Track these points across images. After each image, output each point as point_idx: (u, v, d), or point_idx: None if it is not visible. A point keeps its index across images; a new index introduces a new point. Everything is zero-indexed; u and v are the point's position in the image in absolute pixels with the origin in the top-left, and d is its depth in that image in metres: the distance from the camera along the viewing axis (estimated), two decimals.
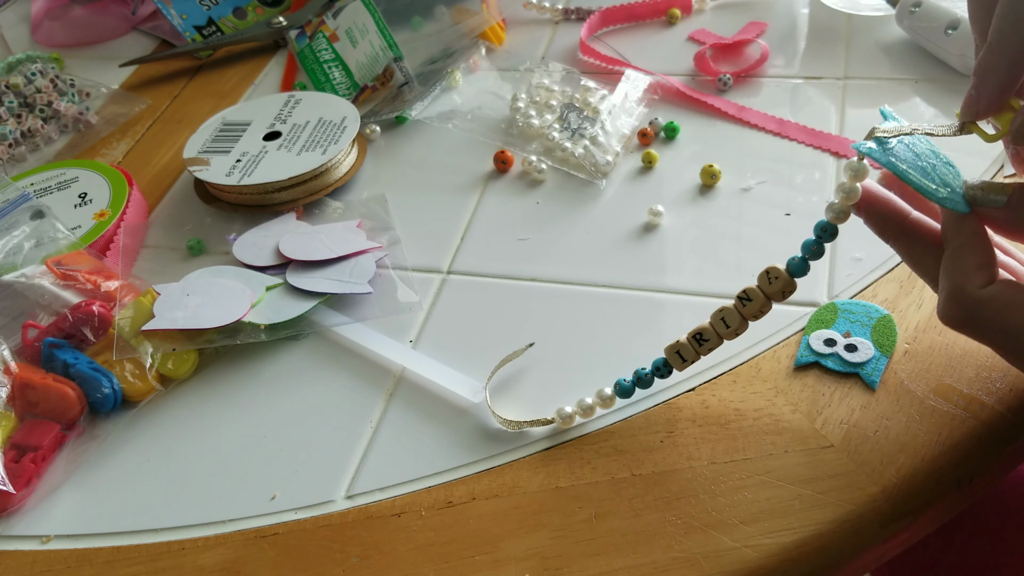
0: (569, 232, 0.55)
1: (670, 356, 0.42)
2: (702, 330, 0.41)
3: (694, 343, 0.42)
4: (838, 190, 0.38)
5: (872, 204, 0.39)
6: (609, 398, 0.44)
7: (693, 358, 0.42)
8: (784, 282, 0.39)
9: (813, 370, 0.44)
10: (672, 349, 0.42)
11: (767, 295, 0.40)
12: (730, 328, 0.41)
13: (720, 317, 0.41)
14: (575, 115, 0.62)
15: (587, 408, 0.44)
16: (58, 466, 0.47)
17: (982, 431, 0.40)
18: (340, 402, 0.48)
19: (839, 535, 0.38)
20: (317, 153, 0.60)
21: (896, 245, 0.40)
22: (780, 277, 0.39)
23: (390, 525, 0.42)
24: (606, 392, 0.44)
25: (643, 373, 0.43)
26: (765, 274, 0.40)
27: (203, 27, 0.79)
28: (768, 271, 0.39)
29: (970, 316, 0.35)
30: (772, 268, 0.39)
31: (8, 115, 0.72)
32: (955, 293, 0.36)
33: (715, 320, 0.41)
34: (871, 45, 0.65)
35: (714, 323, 0.41)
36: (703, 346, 0.42)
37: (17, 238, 0.56)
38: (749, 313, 0.40)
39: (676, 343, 0.42)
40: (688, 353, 0.42)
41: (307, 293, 0.52)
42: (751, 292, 0.40)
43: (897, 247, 0.40)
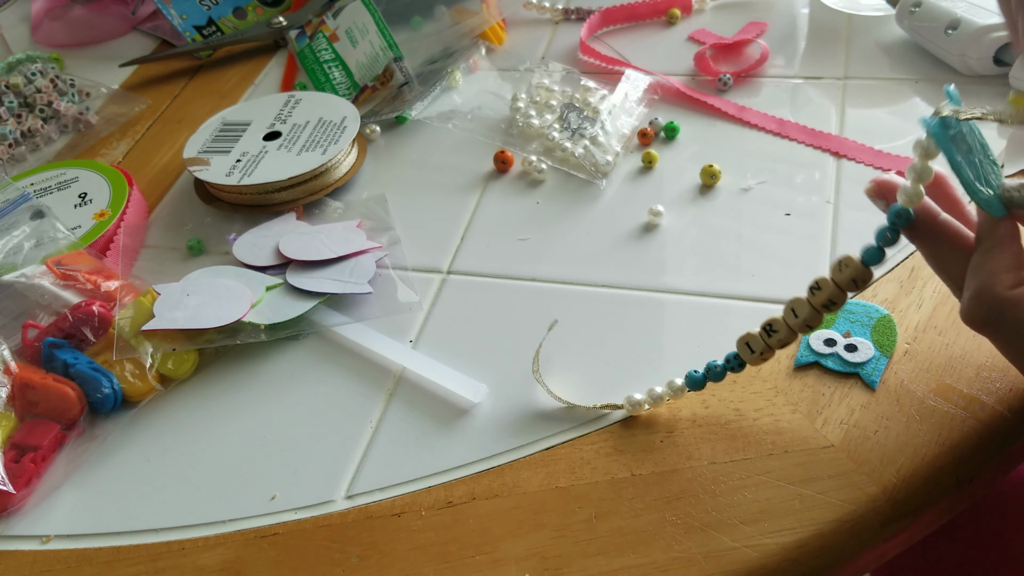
0: (569, 232, 0.55)
1: (740, 348, 0.41)
2: (772, 321, 0.40)
3: (764, 334, 0.40)
4: (909, 171, 0.37)
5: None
6: (680, 389, 0.43)
7: (763, 350, 0.40)
8: (855, 270, 0.37)
9: (813, 370, 0.44)
10: (742, 340, 0.41)
11: (837, 284, 0.38)
12: (799, 318, 0.39)
13: (790, 308, 0.39)
14: (575, 115, 0.62)
15: (657, 398, 0.43)
16: (58, 466, 0.47)
17: (982, 431, 0.40)
18: (340, 402, 0.48)
19: (839, 535, 0.38)
20: (317, 153, 0.60)
21: (922, 245, 0.39)
22: (851, 265, 0.37)
23: (390, 525, 0.42)
24: (677, 383, 0.43)
25: (714, 365, 0.42)
26: (837, 263, 0.38)
27: (203, 27, 0.79)
28: (840, 260, 0.38)
29: (995, 316, 0.35)
30: (845, 257, 0.38)
31: (8, 115, 0.72)
32: (982, 292, 0.35)
33: (785, 311, 0.39)
34: (871, 45, 0.65)
35: (784, 314, 0.40)
36: (772, 337, 0.40)
37: (17, 238, 0.56)
38: (818, 302, 0.38)
39: (747, 334, 0.41)
40: (757, 344, 0.40)
41: (307, 293, 0.52)
42: (821, 282, 0.38)
43: (922, 247, 0.39)
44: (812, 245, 0.51)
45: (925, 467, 0.39)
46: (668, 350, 0.47)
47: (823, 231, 0.52)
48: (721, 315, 0.48)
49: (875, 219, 0.52)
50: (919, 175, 0.36)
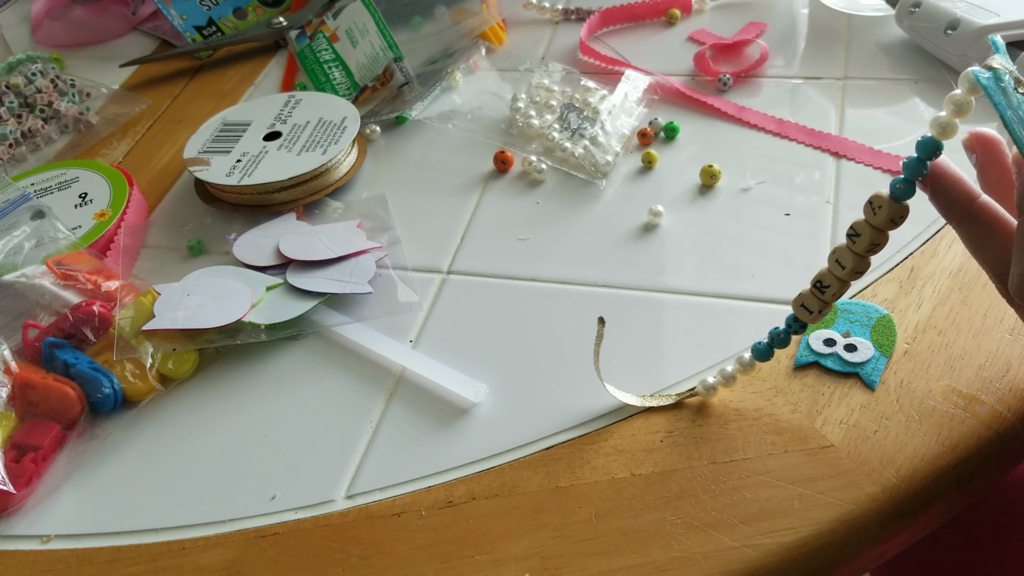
0: (569, 232, 0.55)
1: (796, 309, 0.40)
2: (820, 276, 0.39)
3: (816, 292, 0.39)
4: (947, 102, 0.35)
5: (941, 181, 0.37)
6: (749, 363, 0.42)
7: (820, 307, 0.39)
8: (890, 209, 0.36)
9: (813, 370, 0.44)
10: (797, 302, 0.40)
11: (874, 227, 0.37)
12: (846, 268, 0.38)
13: (835, 259, 0.38)
14: (575, 115, 0.62)
15: (729, 377, 0.43)
16: (58, 466, 0.47)
17: (982, 431, 0.40)
18: (340, 402, 0.48)
19: (839, 535, 0.38)
20: (317, 153, 0.60)
21: (959, 227, 0.38)
22: (884, 205, 0.36)
23: (390, 525, 0.42)
24: (746, 358, 0.42)
25: (776, 332, 0.41)
26: (868, 205, 0.37)
27: (203, 27, 0.79)
28: (871, 201, 0.36)
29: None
30: (875, 196, 0.36)
31: (8, 115, 0.72)
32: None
33: (831, 264, 0.38)
34: (871, 45, 0.65)
35: (831, 267, 0.38)
36: (825, 293, 0.39)
37: (18, 238, 0.56)
38: (861, 248, 0.37)
39: (800, 295, 0.40)
40: (812, 303, 0.39)
41: (307, 293, 0.52)
42: (858, 227, 0.37)
43: (960, 229, 0.38)
44: (812, 245, 0.51)
45: (925, 467, 0.39)
46: (668, 350, 0.47)
47: (823, 231, 0.52)
48: (721, 315, 0.49)
49: None
50: (958, 107, 0.35)
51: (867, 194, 0.53)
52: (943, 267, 0.48)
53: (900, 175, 0.36)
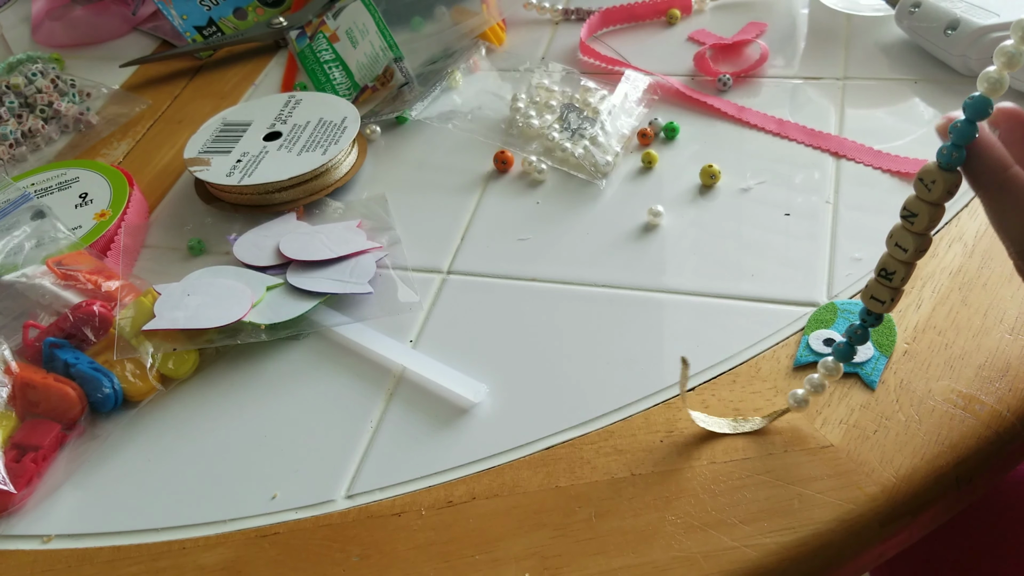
0: (569, 232, 0.56)
1: (867, 302, 0.38)
2: (884, 264, 0.37)
3: (883, 281, 0.37)
4: (997, 54, 0.33)
5: (978, 146, 0.35)
6: (834, 368, 0.40)
7: (890, 296, 0.38)
8: (945, 181, 0.35)
9: (812, 370, 0.44)
10: (866, 294, 0.38)
11: (931, 203, 0.35)
12: (909, 251, 0.36)
13: (894, 244, 0.37)
14: (575, 115, 0.62)
15: (818, 385, 0.41)
16: (59, 466, 0.47)
17: (981, 431, 0.40)
18: (340, 402, 0.48)
19: (839, 535, 0.38)
20: (317, 153, 0.60)
21: (987, 197, 0.36)
22: (938, 179, 0.35)
23: (390, 525, 0.42)
24: (830, 362, 0.40)
25: (853, 329, 0.39)
26: (920, 181, 0.35)
27: (203, 27, 0.79)
28: (922, 177, 0.35)
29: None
30: (925, 171, 0.35)
31: (9, 115, 0.72)
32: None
33: (892, 249, 0.37)
34: (871, 45, 0.65)
35: (892, 253, 0.37)
36: (893, 279, 0.37)
37: (18, 238, 0.56)
38: (921, 228, 0.36)
39: (867, 287, 0.38)
40: (882, 293, 0.38)
41: (307, 293, 0.52)
42: (913, 206, 0.35)
43: (987, 199, 0.36)
44: (812, 245, 0.51)
45: (924, 466, 0.39)
46: (668, 350, 0.47)
47: (823, 231, 0.52)
48: (721, 315, 0.49)
49: (875, 219, 0.52)
50: (1008, 59, 0.33)
51: (867, 194, 0.54)
52: (943, 267, 0.48)
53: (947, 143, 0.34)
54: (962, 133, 0.34)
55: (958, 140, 0.34)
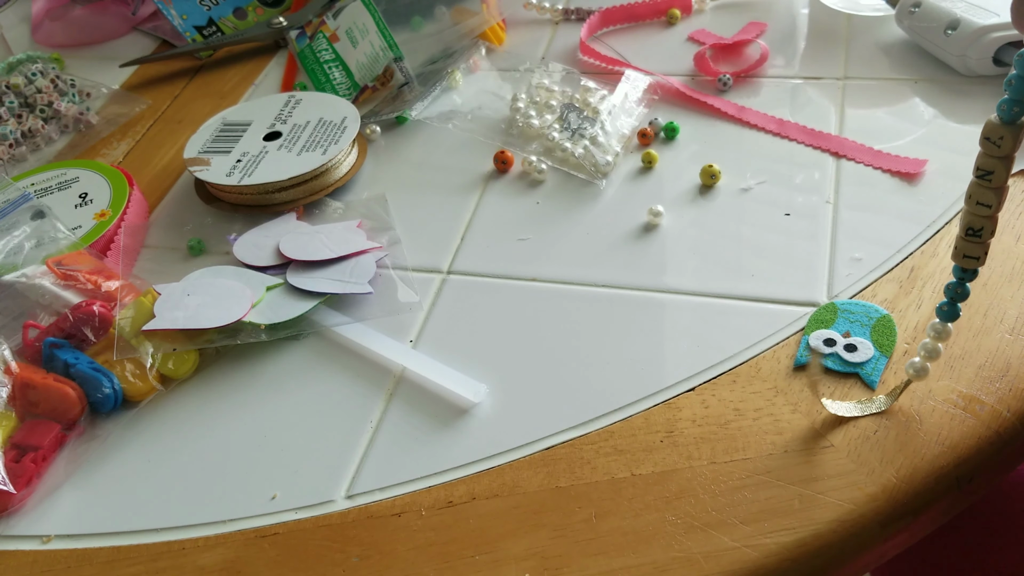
0: (569, 232, 0.55)
1: (960, 260, 0.38)
2: (968, 223, 0.37)
3: (972, 238, 0.38)
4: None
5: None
6: (942, 329, 0.40)
7: (981, 251, 0.38)
8: (1012, 136, 0.35)
9: (812, 369, 0.44)
10: (958, 255, 0.38)
11: (1003, 157, 0.36)
12: (993, 206, 0.37)
13: (976, 202, 0.37)
14: (575, 115, 0.62)
15: (932, 350, 0.40)
16: (58, 466, 0.47)
17: (982, 431, 0.40)
18: (340, 402, 0.48)
19: (839, 535, 0.38)
20: (317, 153, 0.60)
21: None
22: (1005, 136, 0.35)
23: (390, 525, 0.42)
24: (937, 323, 0.40)
25: (953, 288, 0.39)
26: (987, 140, 0.36)
27: (203, 27, 0.79)
28: (988, 135, 0.35)
29: None
30: (991, 130, 0.35)
31: (9, 115, 0.72)
32: None
33: (973, 207, 0.37)
34: (871, 45, 0.65)
35: (974, 210, 0.37)
36: (982, 235, 0.37)
37: (18, 238, 0.56)
38: (1000, 182, 0.36)
39: (954, 249, 0.38)
40: (972, 249, 0.38)
41: (307, 293, 0.52)
42: (986, 164, 0.36)
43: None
44: (812, 245, 0.51)
45: (925, 467, 0.39)
46: (668, 350, 0.47)
47: (823, 231, 0.52)
48: (721, 315, 0.49)
49: (875, 219, 0.52)
50: None
51: (867, 194, 0.54)
52: (943, 267, 0.48)
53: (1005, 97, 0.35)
54: (1018, 88, 0.35)
55: (1015, 95, 0.35)
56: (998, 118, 0.35)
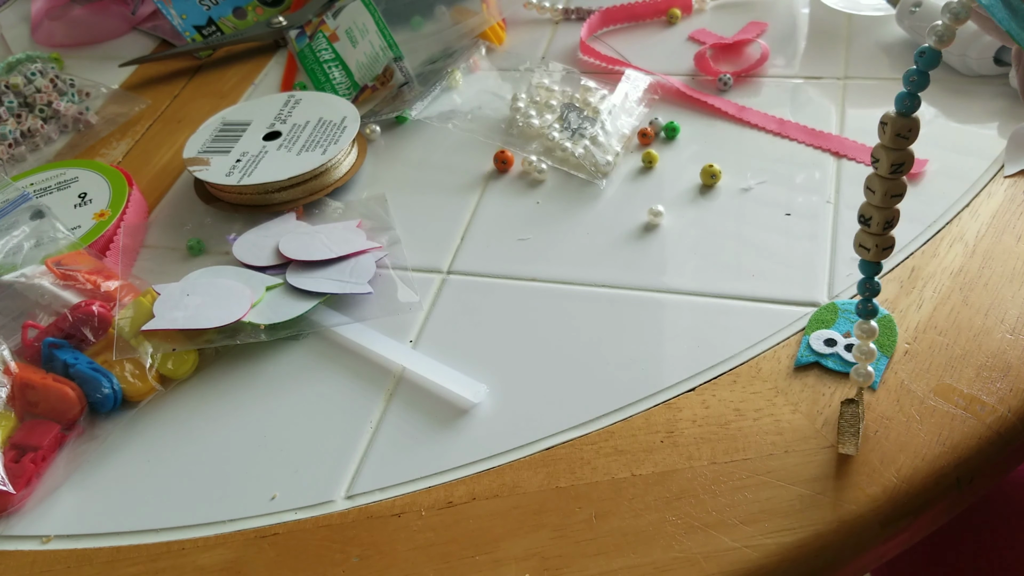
0: (569, 232, 0.55)
1: (857, 250, 0.39)
2: (861, 211, 0.38)
3: (864, 228, 0.38)
4: (944, 10, 0.35)
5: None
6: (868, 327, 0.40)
7: (874, 242, 0.38)
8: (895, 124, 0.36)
9: (813, 370, 0.44)
10: (856, 243, 0.39)
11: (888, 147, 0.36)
12: (877, 193, 0.37)
13: (867, 188, 0.38)
14: (575, 115, 0.62)
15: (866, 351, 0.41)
16: (58, 466, 0.47)
17: (982, 431, 0.40)
18: (340, 402, 0.48)
19: (839, 535, 0.38)
20: (317, 153, 0.60)
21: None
22: (890, 122, 0.36)
23: (390, 525, 0.42)
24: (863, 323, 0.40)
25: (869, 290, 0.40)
26: (881, 126, 0.36)
27: (203, 27, 0.79)
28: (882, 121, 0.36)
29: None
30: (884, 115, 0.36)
31: (8, 115, 0.72)
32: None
33: (866, 194, 0.38)
34: (871, 45, 0.65)
35: (868, 197, 0.38)
36: (871, 224, 0.38)
37: (17, 238, 0.56)
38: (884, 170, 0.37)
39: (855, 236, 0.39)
40: (866, 240, 0.38)
41: (307, 293, 0.52)
42: (875, 152, 0.37)
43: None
44: (812, 245, 0.51)
45: (925, 467, 0.39)
46: (668, 350, 0.47)
47: (823, 231, 0.52)
48: (721, 315, 0.48)
49: None
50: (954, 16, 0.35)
51: None
52: (943, 267, 0.48)
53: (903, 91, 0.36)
54: (918, 84, 0.36)
55: (913, 89, 0.36)
56: (898, 112, 0.36)
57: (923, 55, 0.35)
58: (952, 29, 0.35)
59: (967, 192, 0.52)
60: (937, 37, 0.35)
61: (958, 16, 0.35)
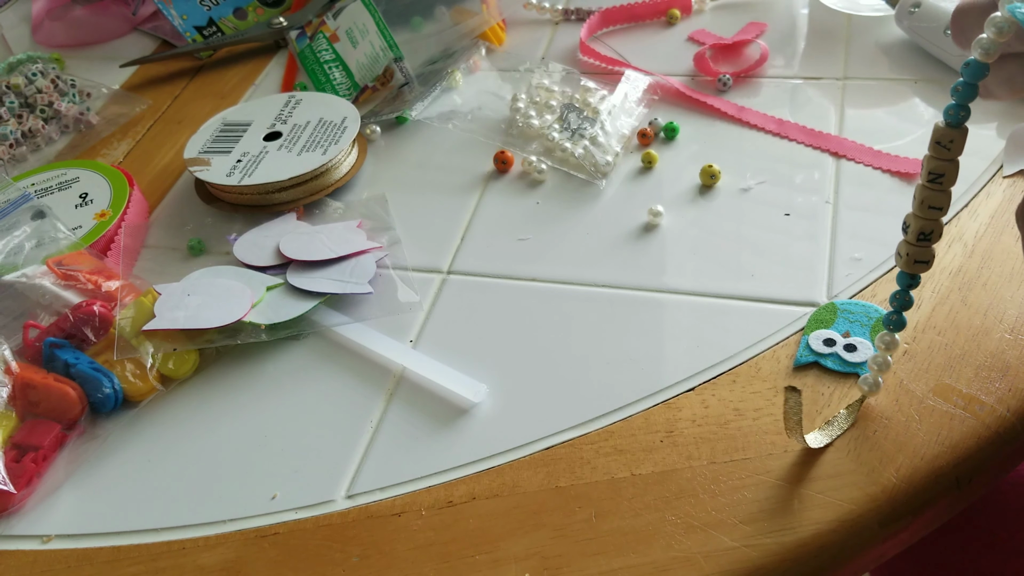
0: (569, 232, 0.55)
1: (913, 268, 0.39)
2: (921, 229, 0.38)
3: (924, 243, 0.38)
4: (988, 24, 0.35)
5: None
6: (891, 340, 0.41)
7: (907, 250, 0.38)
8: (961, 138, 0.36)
9: (813, 370, 0.44)
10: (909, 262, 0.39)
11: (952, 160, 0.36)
12: (943, 209, 0.37)
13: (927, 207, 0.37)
14: (575, 115, 0.62)
15: (883, 363, 0.41)
16: (59, 466, 0.47)
17: (981, 431, 0.40)
18: (340, 402, 0.48)
19: (839, 535, 0.38)
20: (317, 153, 0.60)
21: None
22: (956, 139, 0.36)
23: (390, 525, 0.42)
24: (887, 335, 0.41)
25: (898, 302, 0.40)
26: (938, 145, 0.36)
27: (203, 27, 0.79)
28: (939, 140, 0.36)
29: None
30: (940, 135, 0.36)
31: (9, 115, 0.72)
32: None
33: (923, 213, 0.38)
34: (871, 45, 0.65)
35: (923, 215, 0.38)
36: (931, 238, 0.38)
37: (18, 238, 0.56)
38: (950, 185, 0.37)
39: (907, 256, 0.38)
40: (926, 254, 0.38)
41: (307, 293, 0.52)
42: (937, 168, 0.37)
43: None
44: (812, 245, 0.51)
45: (924, 467, 0.39)
46: (668, 350, 0.47)
47: (823, 231, 0.52)
48: (721, 315, 0.49)
49: (875, 219, 0.52)
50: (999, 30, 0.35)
51: (867, 194, 0.54)
52: (943, 267, 0.48)
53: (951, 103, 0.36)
54: (964, 94, 0.36)
55: (961, 100, 0.36)
56: (945, 123, 0.36)
57: (967, 66, 0.35)
58: (996, 43, 0.35)
59: (966, 192, 0.52)
60: (983, 50, 0.35)
61: (1002, 31, 0.35)
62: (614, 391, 0.45)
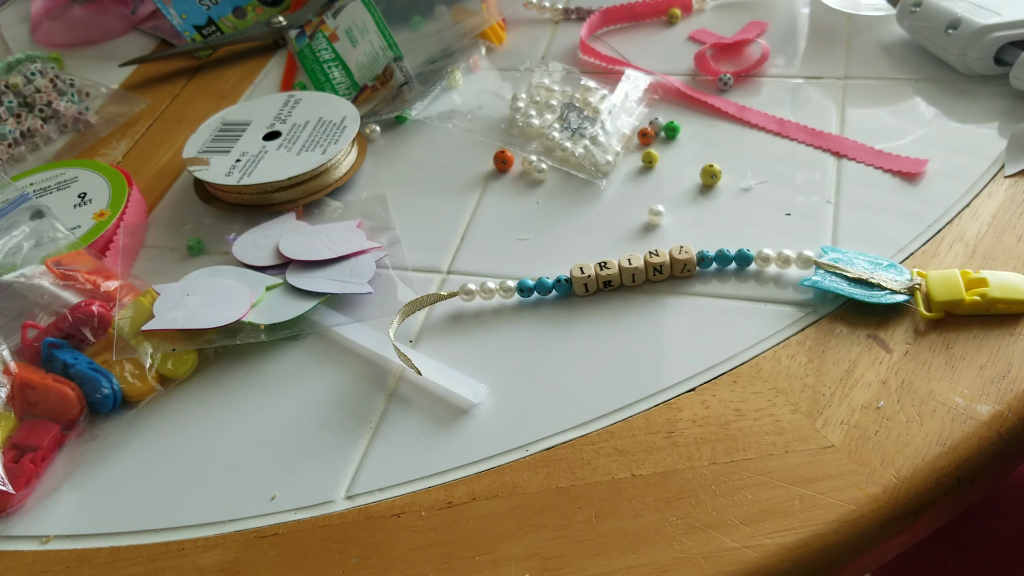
0: (569, 232, 0.55)
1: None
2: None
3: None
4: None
5: None
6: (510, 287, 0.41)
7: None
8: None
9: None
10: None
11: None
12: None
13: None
14: (575, 115, 0.62)
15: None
16: (58, 466, 0.47)
17: (983, 431, 0.40)
18: (340, 402, 0.48)
19: (839, 535, 0.38)
20: (317, 153, 0.60)
21: None
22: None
23: (390, 525, 0.42)
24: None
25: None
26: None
27: (203, 27, 0.79)
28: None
29: None
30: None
31: (7, 115, 0.72)
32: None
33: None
34: (871, 45, 0.65)
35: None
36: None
37: (17, 238, 0.56)
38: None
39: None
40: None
41: (307, 293, 0.52)
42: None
43: None
44: (813, 245, 0.51)
45: (926, 467, 0.39)
46: (668, 350, 0.47)
47: (823, 231, 0.52)
48: (721, 315, 0.48)
49: (875, 219, 0.52)
50: None
51: (868, 194, 0.54)
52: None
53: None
54: None
55: None
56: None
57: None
58: None
59: (967, 192, 0.52)
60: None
61: None
62: (614, 391, 0.45)
